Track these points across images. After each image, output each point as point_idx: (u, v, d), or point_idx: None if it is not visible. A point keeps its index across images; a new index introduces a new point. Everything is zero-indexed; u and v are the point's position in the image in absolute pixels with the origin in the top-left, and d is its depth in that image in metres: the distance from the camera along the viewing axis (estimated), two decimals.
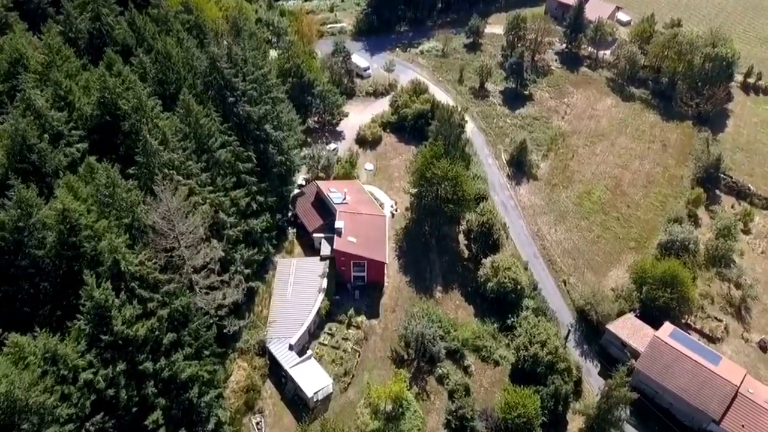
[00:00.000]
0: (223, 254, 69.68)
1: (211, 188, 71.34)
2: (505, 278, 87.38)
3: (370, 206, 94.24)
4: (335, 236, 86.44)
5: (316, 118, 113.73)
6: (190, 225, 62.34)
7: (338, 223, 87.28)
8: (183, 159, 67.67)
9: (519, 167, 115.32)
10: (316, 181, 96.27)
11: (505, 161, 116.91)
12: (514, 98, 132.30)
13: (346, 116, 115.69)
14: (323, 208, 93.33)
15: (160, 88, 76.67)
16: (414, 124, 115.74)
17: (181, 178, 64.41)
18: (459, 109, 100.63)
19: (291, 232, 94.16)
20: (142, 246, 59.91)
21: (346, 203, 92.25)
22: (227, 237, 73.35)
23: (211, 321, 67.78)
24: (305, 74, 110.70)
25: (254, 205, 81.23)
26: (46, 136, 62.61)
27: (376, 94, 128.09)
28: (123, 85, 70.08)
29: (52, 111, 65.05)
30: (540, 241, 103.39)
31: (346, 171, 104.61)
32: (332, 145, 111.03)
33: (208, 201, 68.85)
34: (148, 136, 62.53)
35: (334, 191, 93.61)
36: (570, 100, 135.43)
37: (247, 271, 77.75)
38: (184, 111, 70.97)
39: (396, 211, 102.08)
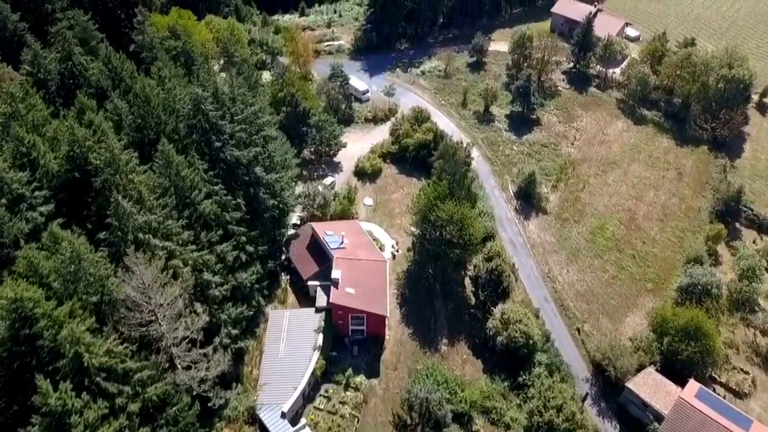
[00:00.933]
0: (207, 321, 62.77)
1: (193, 247, 64.54)
2: (516, 332, 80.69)
3: (370, 250, 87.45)
4: (332, 287, 79.58)
5: (312, 149, 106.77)
6: (168, 296, 55.58)
7: (335, 273, 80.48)
8: (161, 218, 60.91)
9: (527, 200, 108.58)
10: (312, 223, 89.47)
11: (512, 193, 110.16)
12: (521, 123, 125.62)
13: (344, 146, 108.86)
14: (319, 252, 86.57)
15: (138, 135, 69.88)
16: (416, 155, 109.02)
17: (158, 242, 57.61)
18: (464, 145, 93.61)
19: (284, 278, 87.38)
20: (112, 326, 53.16)
21: (343, 247, 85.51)
22: (212, 298, 66.51)
23: (194, 394, 60.95)
24: (300, 103, 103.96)
25: (243, 257, 74.42)
26: (3, 201, 55.75)
27: (376, 120, 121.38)
28: (95, 137, 63.20)
29: (11, 172, 58.13)
30: (551, 283, 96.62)
31: (344, 208, 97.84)
32: (329, 179, 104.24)
33: (190, 263, 62.02)
34: (120, 199, 55.73)
35: (331, 234, 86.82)
36: (579, 124, 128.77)
37: (234, 331, 70.90)
38: (164, 163, 64.17)
39: (397, 252, 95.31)
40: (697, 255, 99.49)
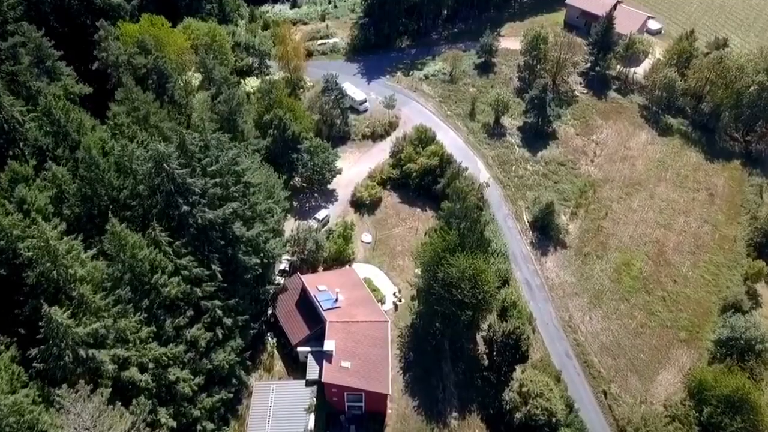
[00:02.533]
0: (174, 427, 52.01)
1: (155, 344, 53.43)
2: (537, 408, 70.24)
3: (369, 307, 76.44)
4: (324, 362, 68.77)
5: (303, 175, 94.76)
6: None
7: (328, 344, 69.67)
8: (112, 320, 49.67)
9: (544, 231, 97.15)
10: (302, 276, 78.16)
11: (527, 223, 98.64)
12: (535, 137, 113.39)
13: (339, 173, 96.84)
14: (310, 310, 75.61)
15: (86, 207, 58.12)
16: (420, 182, 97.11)
17: (106, 355, 46.54)
18: (477, 186, 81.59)
19: (270, 341, 76.51)
20: None
21: (338, 307, 74.51)
22: (182, 395, 55.65)
23: None
24: (289, 127, 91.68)
25: (220, 334, 63.36)
26: None
27: (375, 136, 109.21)
28: (26, 220, 51.56)
29: None
30: (573, 333, 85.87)
31: (339, 248, 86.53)
32: (323, 212, 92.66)
33: (151, 366, 50.95)
34: (52, 312, 44.48)
35: (323, 291, 75.73)
36: (599, 137, 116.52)
37: (210, 426, 60.20)
38: (115, 246, 52.65)
39: (400, 301, 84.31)
40: (735, 300, 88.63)
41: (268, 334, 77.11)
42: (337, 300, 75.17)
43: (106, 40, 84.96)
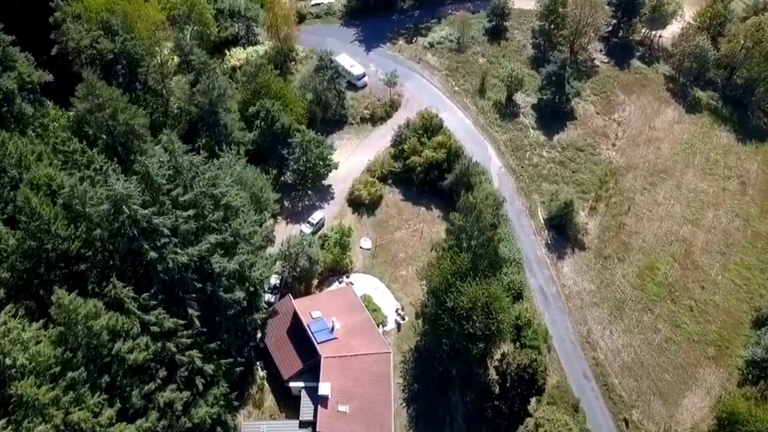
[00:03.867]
0: None
1: (122, 425, 45.68)
2: None
3: (369, 335, 68.77)
4: (320, 406, 61.54)
5: (294, 170, 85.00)
6: None
7: (323, 387, 62.35)
8: (60, 418, 41.71)
9: (561, 230, 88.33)
10: (293, 300, 69.93)
11: (542, 220, 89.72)
12: (552, 116, 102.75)
13: (335, 168, 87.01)
14: (303, 341, 67.89)
15: (29, 264, 48.95)
16: (424, 177, 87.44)
17: None
18: (494, 200, 71.77)
19: (260, 372, 69.12)
20: None
21: (334, 338, 66.70)
22: None
23: None
24: (278, 119, 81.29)
25: (200, 384, 55.69)
26: None
27: (374, 119, 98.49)
28: None
29: None
30: (591, 351, 78.58)
31: (336, 257, 78.06)
32: (318, 214, 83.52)
33: None
34: None
35: (318, 318, 67.83)
36: (621, 115, 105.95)
37: None
38: (65, 319, 44.03)
39: (403, 319, 76.50)
40: None
41: (258, 364, 69.70)
42: (333, 329, 67.28)
43: (63, 22, 73.40)
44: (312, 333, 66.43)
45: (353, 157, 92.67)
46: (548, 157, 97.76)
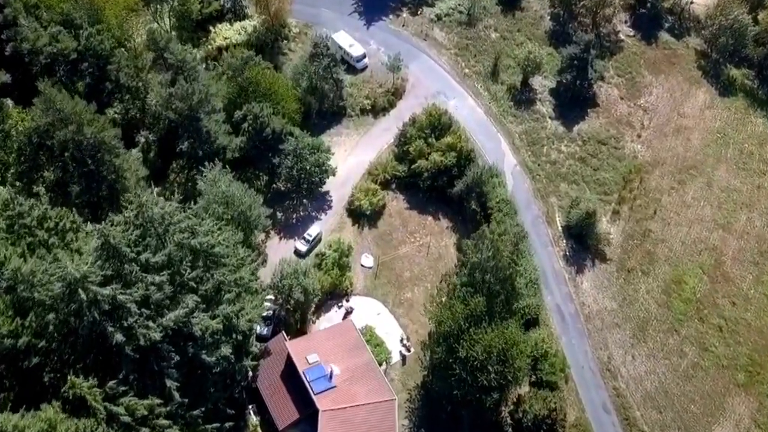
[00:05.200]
0: None
1: None
2: None
3: (371, 380, 62.53)
4: None
5: (287, 179, 76.64)
6: None
7: None
8: None
9: (580, 239, 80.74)
10: (287, 342, 63.10)
11: (560, 228, 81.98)
12: (572, 103, 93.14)
13: (333, 174, 78.41)
14: (299, 387, 61.63)
15: None
16: (432, 183, 79.03)
17: None
18: (514, 235, 63.47)
19: (253, 418, 63.20)
20: None
21: (333, 386, 60.38)
22: None
23: None
24: (267, 125, 72.18)
25: None
26: None
27: (376, 110, 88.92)
28: None
29: None
30: (612, 380, 72.63)
31: (335, 279, 70.90)
32: (314, 229, 75.78)
33: None
34: None
35: (314, 363, 61.41)
36: (647, 100, 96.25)
37: None
38: None
39: (409, 351, 70.07)
40: None
41: (250, 408, 63.68)
42: (331, 376, 60.84)
43: (16, 19, 63.29)
44: (308, 382, 60.08)
45: (353, 156, 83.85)
46: (567, 153, 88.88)
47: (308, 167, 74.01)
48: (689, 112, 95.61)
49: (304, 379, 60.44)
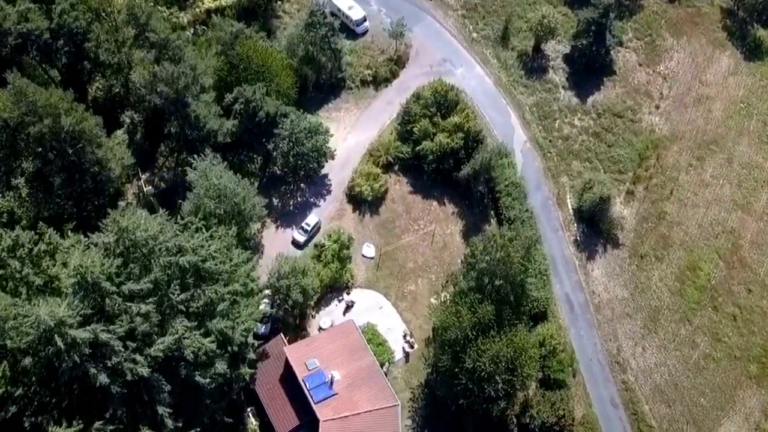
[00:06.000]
0: None
1: None
2: None
3: (374, 385, 60.28)
4: None
5: (283, 164, 72.10)
6: None
7: None
8: None
9: (592, 223, 77.01)
10: (285, 348, 60.45)
11: (571, 210, 78.08)
12: (586, 71, 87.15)
13: (332, 158, 73.67)
14: (299, 392, 59.42)
15: None
16: (438, 166, 74.42)
17: None
18: (526, 239, 59.21)
19: (252, 421, 61.45)
20: None
21: (334, 394, 58.21)
22: None
23: None
24: (261, 108, 67.03)
25: None
26: None
27: (377, 81, 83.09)
28: None
29: None
30: (621, 373, 70.61)
31: (335, 274, 67.71)
32: (312, 218, 71.78)
33: None
34: None
35: (314, 370, 58.95)
36: (668, 66, 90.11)
37: None
38: None
39: (412, 347, 67.63)
40: None
41: (249, 410, 61.83)
42: (332, 383, 58.54)
43: None
44: (308, 391, 57.77)
45: (353, 135, 78.82)
46: (581, 127, 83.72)
47: (305, 153, 69.18)
48: (711, 80, 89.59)
49: (303, 387, 58.13)
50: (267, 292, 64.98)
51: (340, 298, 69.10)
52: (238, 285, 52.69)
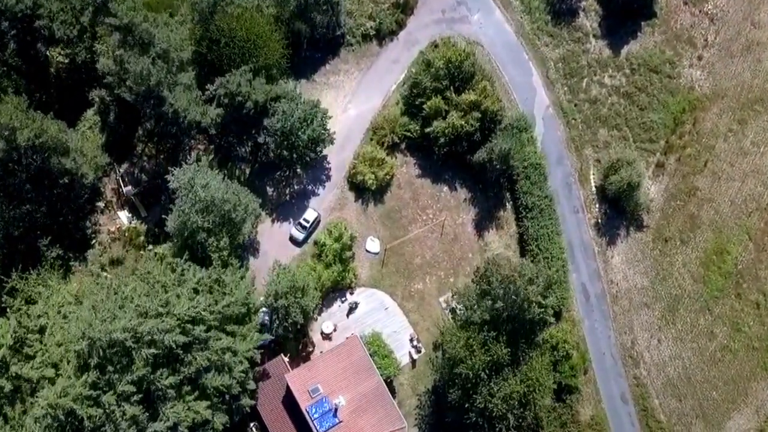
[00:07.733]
0: None
1: None
2: None
3: (380, 409, 58.00)
4: None
5: (276, 156, 64.17)
6: None
7: None
8: None
9: (616, 204, 70.82)
10: (287, 375, 57.18)
11: (594, 188, 71.51)
12: (623, 14, 75.57)
13: (332, 143, 65.36)
14: (300, 417, 57.46)
15: None
16: (450, 148, 66.44)
17: None
18: (542, 279, 53.10)
19: None
20: None
21: (339, 423, 56.28)
22: None
23: None
24: (248, 99, 58.02)
25: None
26: None
27: (381, 34, 72.01)
28: None
29: None
30: (634, 368, 68.56)
31: (337, 276, 63.12)
32: (311, 213, 65.26)
33: None
34: None
35: (318, 397, 56.34)
36: (716, 4, 78.11)
37: None
38: None
39: (419, 352, 64.76)
40: None
41: (252, 426, 60.34)
42: (337, 411, 56.28)
43: None
44: (312, 421, 55.61)
45: (353, 105, 69.67)
46: (611, 86, 74.17)
47: (302, 144, 61.09)
48: (766, 20, 77.96)
49: (307, 416, 55.94)
50: (265, 309, 60.70)
51: (343, 299, 65.03)
52: (236, 345, 48.33)
